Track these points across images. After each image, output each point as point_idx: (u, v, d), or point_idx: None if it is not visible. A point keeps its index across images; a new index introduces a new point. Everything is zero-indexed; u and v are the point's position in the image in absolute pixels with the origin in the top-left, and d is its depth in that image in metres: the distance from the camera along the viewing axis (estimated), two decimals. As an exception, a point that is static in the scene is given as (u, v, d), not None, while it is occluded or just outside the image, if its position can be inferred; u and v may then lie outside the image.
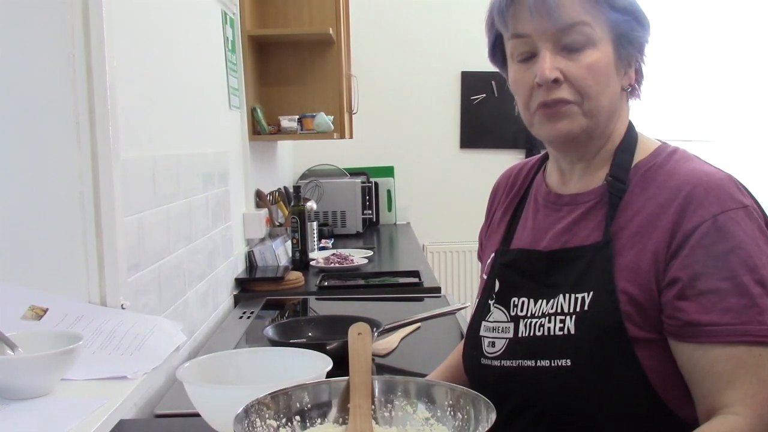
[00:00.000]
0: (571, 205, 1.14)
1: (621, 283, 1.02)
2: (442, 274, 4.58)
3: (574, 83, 1.05)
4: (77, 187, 1.38)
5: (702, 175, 1.03)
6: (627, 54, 1.09)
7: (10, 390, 1.12)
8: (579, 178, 1.15)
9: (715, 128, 4.67)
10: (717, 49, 4.61)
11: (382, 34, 4.53)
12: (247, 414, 0.89)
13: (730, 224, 0.99)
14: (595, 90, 1.05)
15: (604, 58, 1.06)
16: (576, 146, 1.12)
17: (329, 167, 4.37)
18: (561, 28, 1.04)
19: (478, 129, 4.62)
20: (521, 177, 1.29)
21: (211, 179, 2.23)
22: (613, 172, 1.10)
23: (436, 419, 0.93)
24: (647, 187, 1.07)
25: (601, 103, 1.07)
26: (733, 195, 1.01)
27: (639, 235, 1.04)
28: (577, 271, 1.07)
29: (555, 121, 1.07)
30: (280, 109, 3.22)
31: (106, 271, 1.41)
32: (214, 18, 2.46)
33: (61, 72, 1.35)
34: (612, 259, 1.04)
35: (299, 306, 2.48)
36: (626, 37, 1.07)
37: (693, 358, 0.99)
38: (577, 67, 1.05)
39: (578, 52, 1.05)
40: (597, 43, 1.05)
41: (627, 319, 1.01)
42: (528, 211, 1.22)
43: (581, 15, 1.04)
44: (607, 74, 1.06)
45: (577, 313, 1.04)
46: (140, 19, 1.68)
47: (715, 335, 0.96)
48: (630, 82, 1.11)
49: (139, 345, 1.32)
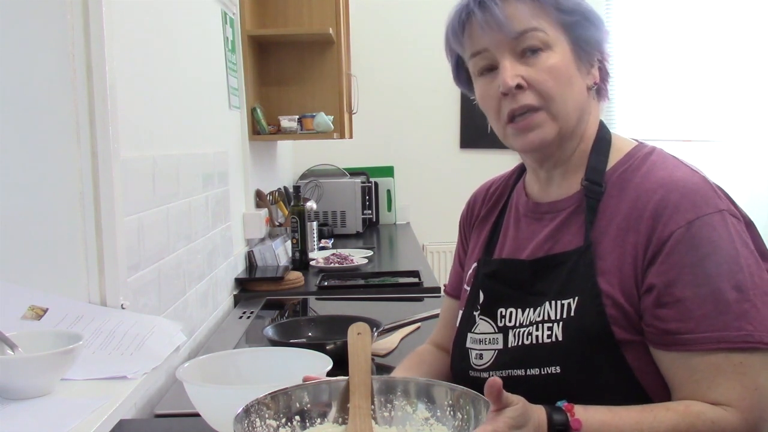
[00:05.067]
0: (551, 213, 1.14)
1: (604, 287, 1.03)
2: (442, 274, 4.58)
3: (536, 87, 1.06)
4: (77, 187, 1.38)
5: (677, 180, 1.03)
6: (586, 53, 1.10)
7: (10, 390, 1.12)
8: (558, 184, 1.16)
9: (715, 128, 4.67)
10: (717, 49, 4.61)
11: (382, 34, 4.54)
12: (247, 414, 0.89)
13: (705, 230, 0.99)
14: (558, 91, 1.07)
15: (563, 59, 1.07)
16: (551, 152, 1.13)
17: (329, 167, 4.37)
18: (515, 37, 1.06)
19: (478, 129, 4.52)
20: (499, 189, 1.29)
21: (210, 179, 2.23)
22: (588, 176, 1.10)
23: (436, 419, 0.93)
24: (624, 189, 1.07)
25: (567, 104, 1.08)
26: (709, 200, 1.01)
27: (619, 239, 1.04)
28: (561, 277, 1.07)
29: (526, 133, 1.09)
30: (280, 109, 3.22)
31: (106, 271, 1.41)
32: (214, 18, 2.46)
33: (61, 72, 1.35)
34: (594, 263, 1.04)
35: (299, 306, 2.48)
36: (581, 37, 1.09)
37: (673, 367, 1.00)
38: (537, 72, 1.06)
39: (536, 57, 1.07)
40: (553, 46, 1.07)
41: (613, 323, 1.01)
42: (509, 222, 1.22)
43: (531, 22, 1.06)
44: (569, 74, 1.08)
45: (563, 320, 1.04)
46: (140, 19, 1.68)
47: (692, 343, 0.97)
48: (595, 80, 1.12)
49: (139, 345, 1.32)
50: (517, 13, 1.06)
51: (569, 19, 1.08)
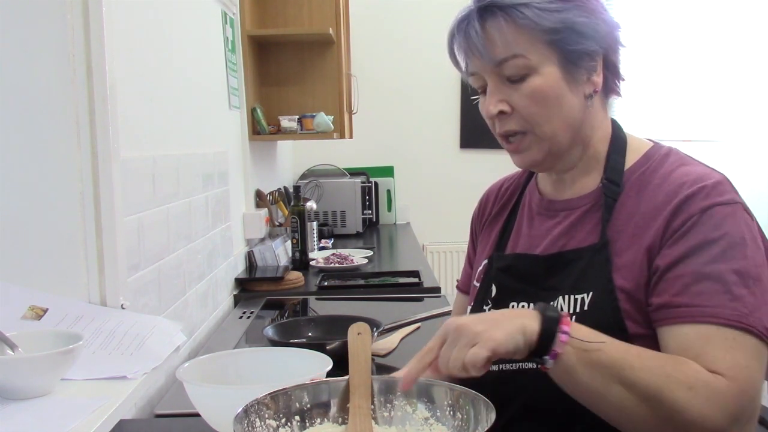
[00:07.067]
0: (566, 210, 1.16)
1: (620, 283, 1.03)
2: (442, 274, 4.58)
3: (521, 113, 1.08)
4: (77, 187, 1.38)
5: (697, 177, 1.04)
6: (578, 66, 1.08)
7: (10, 390, 1.12)
8: (571, 185, 1.17)
9: (715, 128, 4.67)
10: (718, 49, 4.61)
11: (382, 34, 4.53)
12: (247, 414, 0.89)
13: (716, 217, 1.00)
14: (542, 115, 1.07)
15: (548, 81, 1.07)
16: (549, 166, 1.14)
17: (329, 167, 4.37)
18: (496, 65, 1.07)
19: (478, 129, 4.54)
20: (512, 187, 1.31)
21: (210, 179, 2.23)
22: (608, 175, 1.11)
23: (436, 419, 0.93)
24: (643, 190, 1.08)
25: (554, 125, 1.08)
26: (725, 193, 1.03)
27: (636, 237, 1.05)
28: (575, 273, 1.08)
29: (517, 154, 1.12)
30: (280, 109, 3.22)
31: (106, 271, 1.41)
32: (214, 18, 2.46)
33: (61, 72, 1.35)
34: (610, 260, 1.05)
35: (299, 306, 2.48)
36: (570, 51, 1.07)
37: (665, 341, 0.99)
38: (520, 97, 1.07)
39: (521, 81, 1.07)
40: (538, 68, 1.06)
41: (627, 317, 1.02)
42: (522, 219, 1.23)
43: (511, 49, 1.06)
44: (557, 95, 1.07)
45: (577, 314, 1.05)
46: (140, 19, 1.68)
47: (684, 316, 0.97)
48: (595, 88, 1.11)
49: (139, 345, 1.32)
50: (497, 39, 1.06)
51: (554, 38, 1.06)
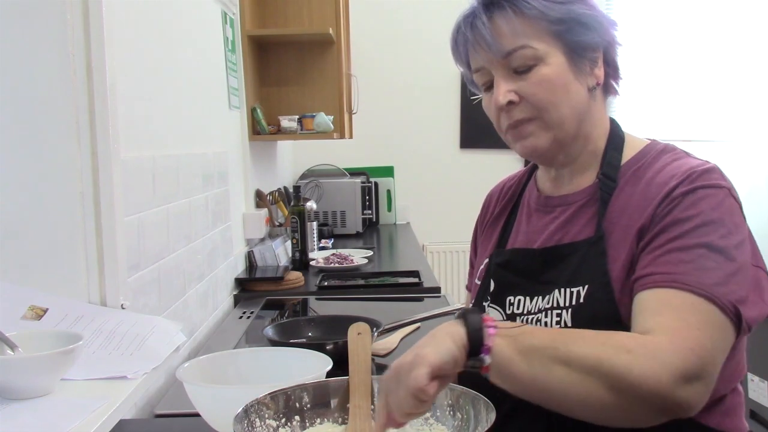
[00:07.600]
0: (563, 206, 1.17)
1: (615, 274, 1.04)
2: (442, 274, 4.58)
3: (529, 100, 1.10)
4: (77, 187, 1.38)
5: (688, 168, 1.06)
6: (583, 57, 1.11)
7: (10, 390, 1.12)
8: (568, 181, 1.19)
9: (715, 128, 4.67)
10: (718, 48, 4.61)
11: (382, 34, 4.53)
12: (247, 414, 0.89)
13: (700, 196, 1.01)
14: (551, 101, 1.09)
15: (556, 69, 1.09)
16: (552, 156, 1.16)
17: (329, 167, 4.37)
18: (504, 56, 1.09)
19: (478, 129, 4.61)
20: (513, 186, 1.33)
21: (210, 179, 2.23)
22: (604, 170, 1.13)
23: (436, 419, 0.94)
24: (637, 184, 1.09)
25: (562, 112, 1.10)
26: (711, 179, 1.03)
27: (628, 228, 1.06)
28: (571, 266, 1.09)
29: (522, 140, 1.13)
30: (280, 109, 3.22)
31: (106, 271, 1.41)
32: (214, 18, 2.46)
33: (61, 72, 1.35)
34: (605, 252, 1.06)
35: (299, 306, 2.48)
36: (576, 42, 1.10)
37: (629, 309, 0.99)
38: (528, 86, 1.09)
39: (529, 71, 1.09)
40: (545, 58, 1.09)
41: (622, 309, 1.03)
42: (521, 216, 1.26)
43: (519, 40, 1.08)
44: (563, 83, 1.10)
45: (573, 307, 1.06)
46: (140, 19, 1.68)
47: (648, 283, 0.97)
48: (598, 81, 1.13)
49: (139, 345, 1.32)
50: (505, 30, 1.08)
51: (560, 28, 1.09)
